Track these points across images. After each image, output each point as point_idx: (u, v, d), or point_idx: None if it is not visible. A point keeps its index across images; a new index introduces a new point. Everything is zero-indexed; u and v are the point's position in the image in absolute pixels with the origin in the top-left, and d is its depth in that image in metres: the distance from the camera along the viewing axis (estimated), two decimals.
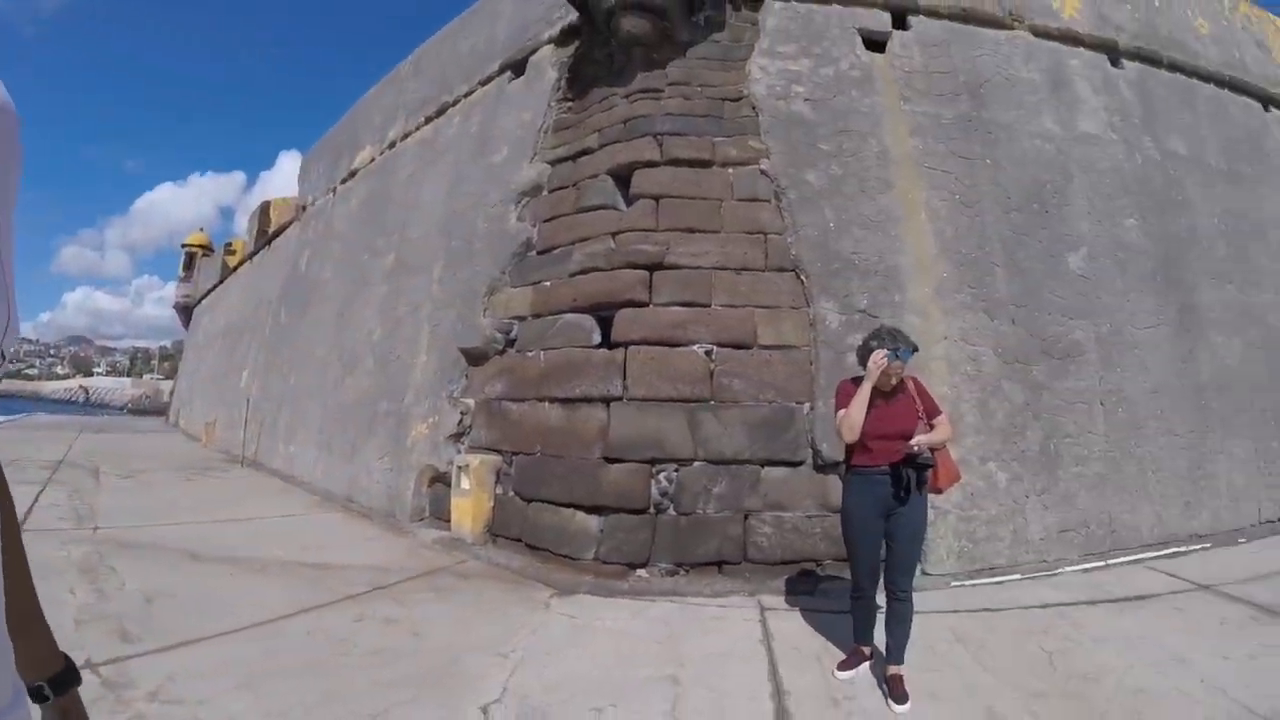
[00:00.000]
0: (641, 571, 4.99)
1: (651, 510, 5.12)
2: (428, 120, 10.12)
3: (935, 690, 3.30)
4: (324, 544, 6.13)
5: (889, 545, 3.44)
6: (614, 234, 5.88)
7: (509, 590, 4.78)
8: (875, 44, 6.57)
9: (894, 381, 3.46)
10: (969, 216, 6.28)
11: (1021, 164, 6.76)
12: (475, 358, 6.98)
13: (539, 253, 6.52)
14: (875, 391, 3.45)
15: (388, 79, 12.16)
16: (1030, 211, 6.62)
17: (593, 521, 5.16)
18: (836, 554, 5.04)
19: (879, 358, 3.40)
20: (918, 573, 3.81)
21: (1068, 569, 5.56)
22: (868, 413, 3.41)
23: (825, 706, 3.17)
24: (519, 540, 5.66)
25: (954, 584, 5.04)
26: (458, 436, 6.89)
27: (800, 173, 5.79)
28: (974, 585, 5.03)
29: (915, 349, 3.54)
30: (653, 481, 5.13)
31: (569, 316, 5.93)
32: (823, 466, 5.27)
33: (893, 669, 3.29)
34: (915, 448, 3.30)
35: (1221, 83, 9.14)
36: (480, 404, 6.68)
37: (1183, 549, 6.27)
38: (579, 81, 6.86)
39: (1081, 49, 7.76)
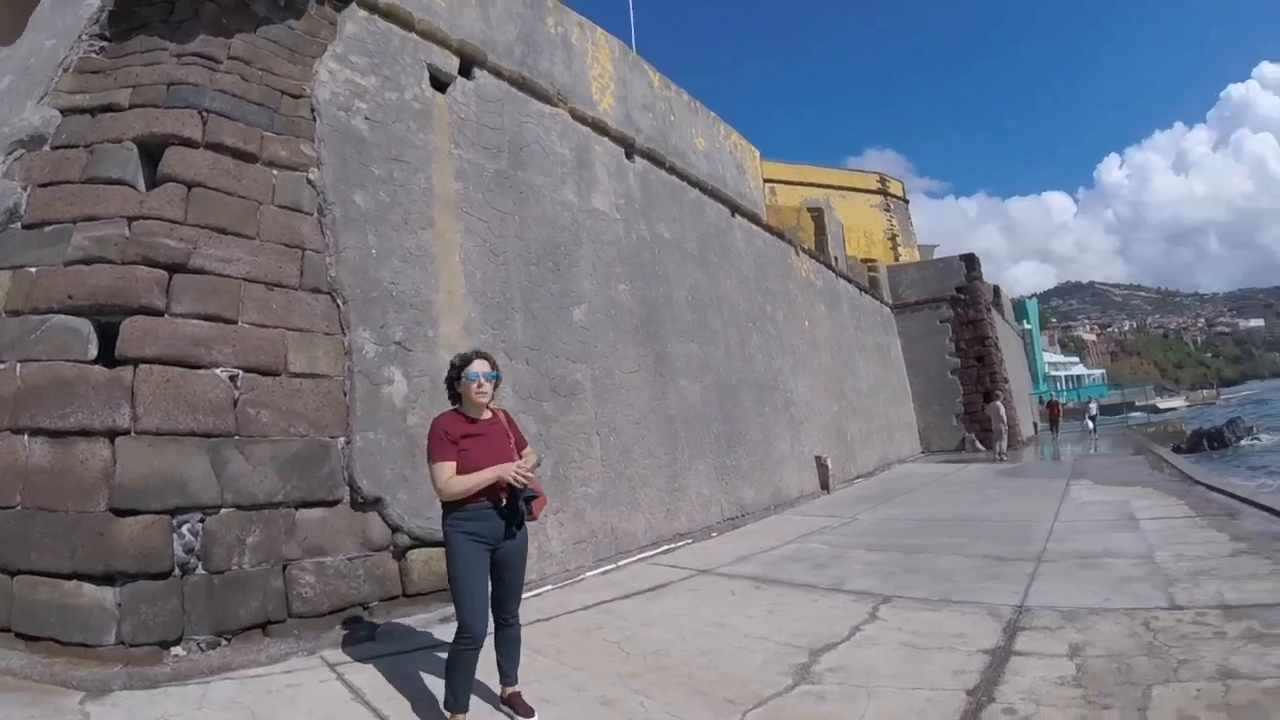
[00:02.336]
0: (178, 649, 4.13)
1: (177, 572, 4.20)
2: None
3: (546, 696, 3.62)
4: None
5: (498, 578, 3.42)
6: (131, 219, 4.74)
7: (22, 706, 3.45)
8: (440, 84, 6.80)
9: (486, 400, 3.47)
10: (496, 264, 6.93)
11: (543, 224, 7.73)
12: None
13: (26, 226, 4.86)
14: (468, 423, 3.43)
15: None
16: (546, 267, 7.60)
17: (107, 594, 4.03)
18: (382, 594, 5.04)
19: (474, 382, 3.42)
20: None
21: (589, 574, 6.64)
22: (466, 448, 3.35)
23: None
24: (8, 631, 4.11)
25: None
26: None
27: (349, 191, 5.66)
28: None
29: (499, 376, 3.59)
30: (175, 536, 4.23)
31: (61, 318, 4.55)
32: (362, 504, 5.11)
33: (510, 689, 3.49)
34: (521, 482, 3.31)
35: (705, 189, 11.74)
36: None
37: (671, 546, 8.06)
38: (125, 19, 5.44)
39: (607, 139, 9.23)
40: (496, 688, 3.53)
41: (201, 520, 4.34)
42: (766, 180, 16.38)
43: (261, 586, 4.48)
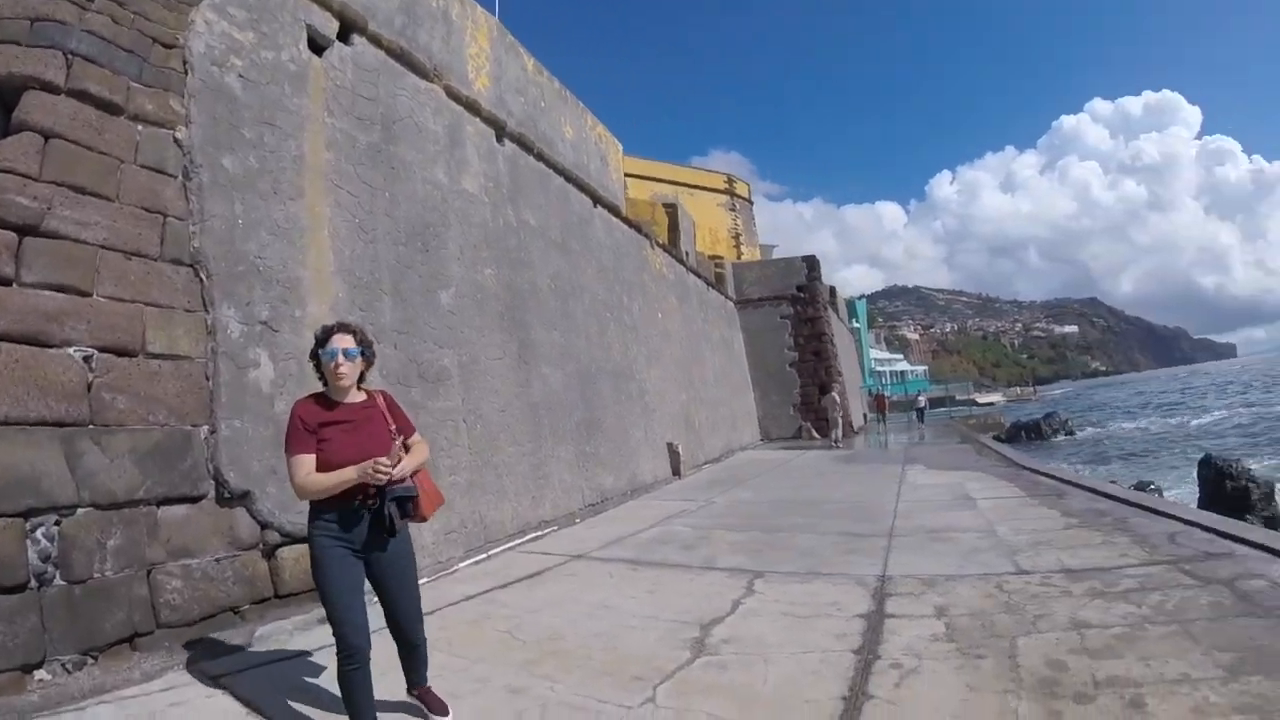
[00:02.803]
0: (42, 673, 3.63)
1: (34, 584, 3.68)
2: None
3: (453, 691, 3.47)
4: None
5: (383, 594, 3.07)
6: None
7: None
8: (318, 47, 6.37)
9: (347, 382, 3.04)
10: (365, 242, 6.62)
11: (413, 203, 7.46)
12: None
13: None
14: (332, 409, 3.03)
15: None
16: (415, 247, 7.35)
17: None
18: (253, 596, 4.70)
19: (331, 360, 3.01)
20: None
21: (461, 565, 6.50)
22: (328, 438, 2.95)
23: None
24: None
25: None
26: None
27: (218, 154, 5.15)
28: None
29: (372, 353, 3.20)
30: (29, 542, 3.69)
31: None
32: (228, 499, 4.72)
33: (420, 688, 3.30)
34: (385, 477, 2.86)
35: (570, 178, 11.72)
36: None
37: (539, 533, 8.02)
38: None
39: (479, 120, 9.03)
40: (402, 683, 3.34)
41: (57, 523, 3.80)
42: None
43: (126, 596, 4.04)
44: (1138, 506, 7.42)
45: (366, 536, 2.95)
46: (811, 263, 24.66)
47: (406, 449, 3.11)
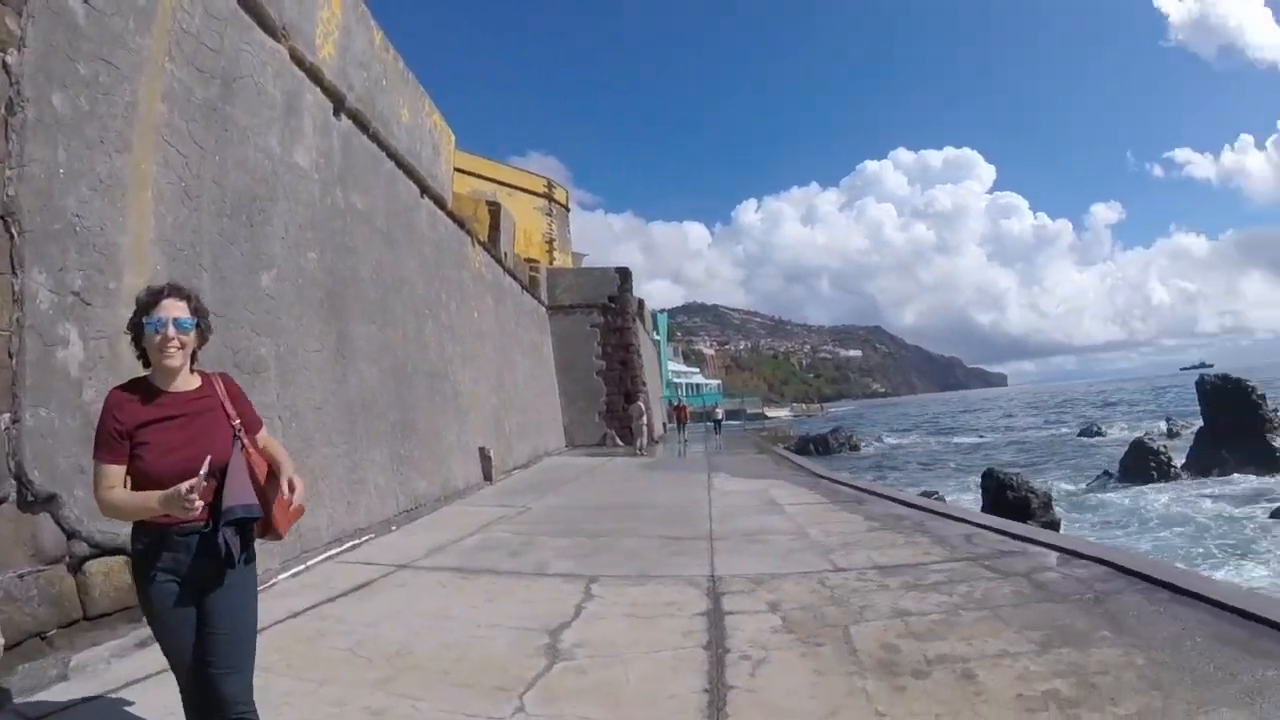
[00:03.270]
0: None
1: None
2: None
3: (309, 718, 3.21)
4: None
5: (207, 643, 2.27)
6: None
7: None
8: None
9: (178, 362, 2.35)
10: (189, 209, 5.85)
11: (243, 171, 6.71)
12: None
13: None
14: (154, 401, 2.34)
15: None
16: (240, 221, 6.63)
17: None
18: (61, 619, 3.93)
19: (158, 333, 2.30)
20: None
21: (279, 578, 5.91)
22: (149, 441, 2.26)
23: None
24: None
25: None
26: None
27: (49, 89, 4.21)
28: None
29: (209, 325, 2.53)
30: None
31: None
32: (32, 503, 3.88)
33: None
34: (194, 508, 2.13)
35: (401, 164, 11.05)
36: None
37: (356, 541, 7.45)
38: None
39: (320, 89, 8.31)
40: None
41: None
42: None
43: None
44: (932, 512, 8.46)
45: (196, 567, 2.27)
46: (624, 274, 25.30)
47: (253, 446, 2.51)
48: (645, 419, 21.60)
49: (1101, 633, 3.97)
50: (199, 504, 2.13)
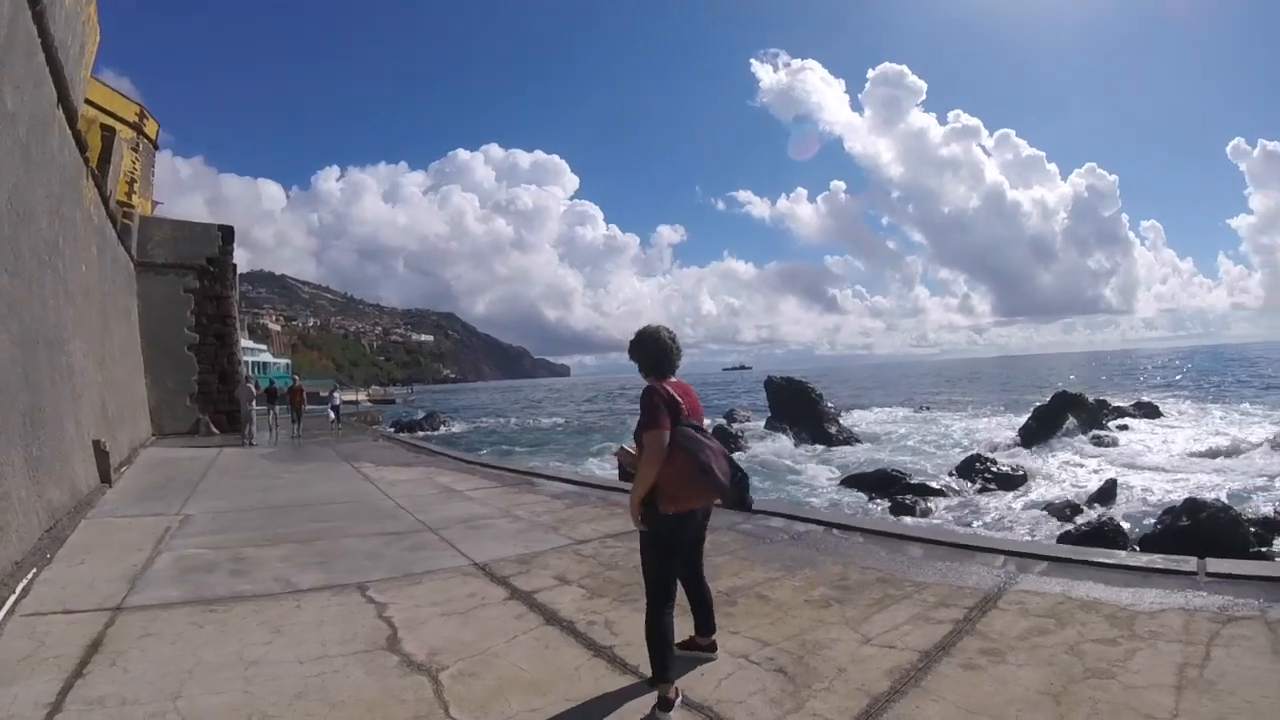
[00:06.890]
0: None
1: None
2: None
3: None
4: None
5: None
6: None
7: None
8: None
9: None
10: None
11: None
12: None
13: None
14: None
15: None
16: None
17: None
18: None
19: None
20: None
21: None
22: None
23: None
24: None
25: None
26: None
27: None
28: None
29: None
30: None
31: None
32: None
33: None
34: None
35: (51, 57, 8.38)
36: None
37: (25, 582, 5.39)
38: None
39: None
40: None
41: None
42: None
43: None
44: (600, 488, 9.57)
45: None
46: (228, 234, 21.53)
47: None
48: (253, 402, 18.87)
49: (818, 557, 5.66)
50: None
